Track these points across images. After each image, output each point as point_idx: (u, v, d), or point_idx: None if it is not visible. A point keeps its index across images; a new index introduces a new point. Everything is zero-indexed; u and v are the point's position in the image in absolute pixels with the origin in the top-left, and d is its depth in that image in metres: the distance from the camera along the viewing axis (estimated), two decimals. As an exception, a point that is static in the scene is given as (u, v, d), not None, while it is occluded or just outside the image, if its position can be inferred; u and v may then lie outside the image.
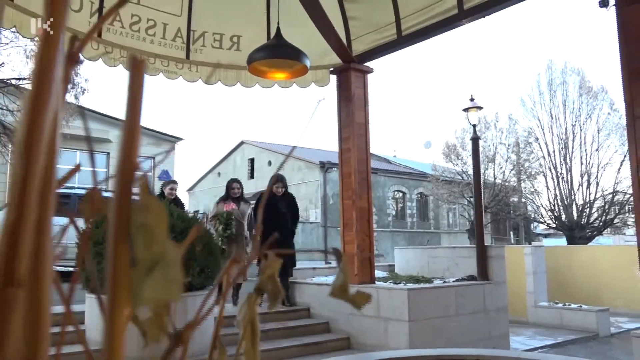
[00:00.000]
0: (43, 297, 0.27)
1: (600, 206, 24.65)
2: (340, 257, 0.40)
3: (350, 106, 6.67)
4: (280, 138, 76.37)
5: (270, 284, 0.38)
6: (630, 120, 4.30)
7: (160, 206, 0.27)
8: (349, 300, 0.40)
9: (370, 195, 6.67)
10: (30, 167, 0.27)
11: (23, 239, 0.26)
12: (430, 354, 3.53)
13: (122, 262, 0.26)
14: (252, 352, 0.42)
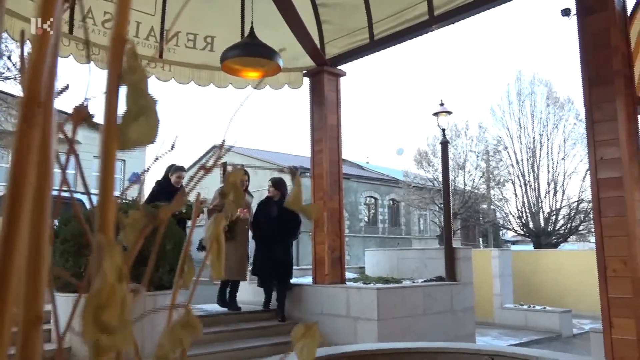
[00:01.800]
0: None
1: (566, 214, 25.29)
2: (295, 175, 0.46)
3: (323, 109, 6.76)
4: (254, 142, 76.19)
5: (233, 191, 0.43)
6: (589, 124, 4.49)
7: (142, 68, 0.33)
8: (302, 210, 0.46)
9: (341, 197, 6.75)
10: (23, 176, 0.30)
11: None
12: (396, 347, 3.61)
13: (112, 109, 0.31)
14: (217, 264, 0.48)
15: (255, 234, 6.86)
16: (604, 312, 4.20)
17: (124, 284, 0.28)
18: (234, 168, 0.43)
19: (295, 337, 0.45)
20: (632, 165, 4.26)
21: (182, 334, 0.36)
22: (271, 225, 6.64)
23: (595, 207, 4.40)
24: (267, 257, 6.60)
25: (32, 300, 0.28)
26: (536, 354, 3.22)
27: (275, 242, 6.65)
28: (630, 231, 4.13)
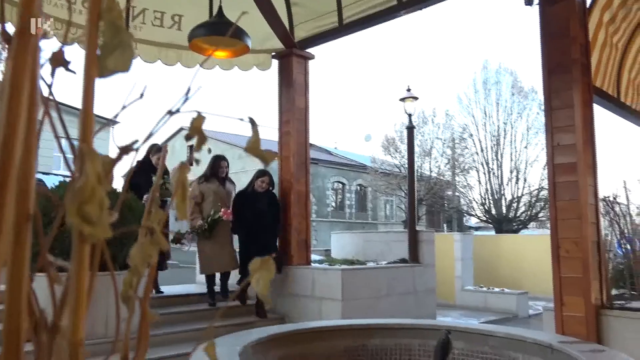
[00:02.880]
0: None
1: (527, 201, 26.01)
2: (254, 122, 0.51)
3: (291, 91, 6.77)
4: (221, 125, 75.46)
5: (197, 134, 0.48)
6: (547, 111, 4.65)
7: (118, 7, 0.37)
8: (259, 155, 0.51)
9: (308, 180, 6.81)
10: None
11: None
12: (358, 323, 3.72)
13: (93, 43, 0.36)
14: (182, 206, 0.53)
15: (240, 230, 6.22)
16: (556, 291, 4.41)
17: (102, 186, 0.33)
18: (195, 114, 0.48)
19: (252, 270, 0.50)
20: (586, 151, 4.45)
21: (151, 249, 0.41)
22: (261, 219, 6.13)
23: (551, 191, 4.59)
24: (257, 253, 6.26)
25: (23, 197, 0.32)
26: (489, 328, 3.37)
27: (267, 237, 6.22)
28: (582, 214, 4.33)
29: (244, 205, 6.22)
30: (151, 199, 0.52)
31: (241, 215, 6.18)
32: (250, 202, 6.21)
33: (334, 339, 3.48)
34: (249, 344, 2.86)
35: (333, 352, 3.42)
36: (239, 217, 6.17)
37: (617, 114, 6.20)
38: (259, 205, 6.21)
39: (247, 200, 6.26)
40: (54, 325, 0.33)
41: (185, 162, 0.54)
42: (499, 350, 3.27)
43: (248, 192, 6.35)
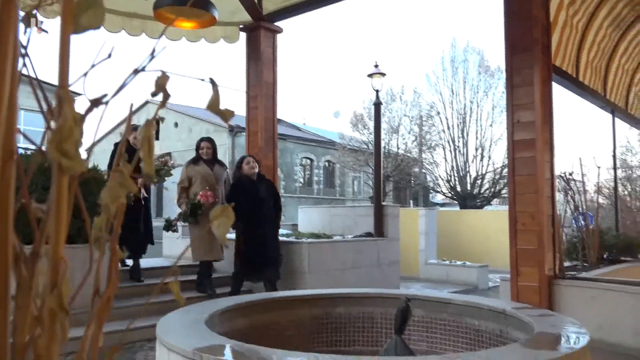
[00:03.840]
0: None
1: (491, 178, 26.61)
2: (214, 83, 0.56)
3: (259, 65, 6.74)
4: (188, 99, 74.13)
5: (162, 92, 0.53)
6: (509, 89, 4.79)
7: None
8: (219, 113, 0.56)
9: (275, 154, 6.84)
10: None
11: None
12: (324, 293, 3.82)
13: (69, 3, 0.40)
14: (149, 160, 0.58)
15: (237, 224, 5.64)
16: (512, 262, 4.61)
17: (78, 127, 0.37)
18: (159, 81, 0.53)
19: (213, 216, 0.56)
20: (544, 128, 4.62)
21: (119, 191, 0.45)
22: (260, 210, 5.63)
23: (510, 166, 4.76)
24: (257, 251, 5.63)
25: (8, 136, 0.36)
26: (448, 297, 3.52)
27: (265, 229, 5.69)
28: (539, 188, 4.51)
29: (241, 195, 5.59)
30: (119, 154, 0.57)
31: (238, 207, 5.68)
32: (247, 191, 5.66)
33: (300, 308, 3.57)
34: (216, 312, 2.92)
35: (299, 320, 3.52)
36: (237, 210, 5.77)
37: (575, 93, 6.41)
38: (259, 194, 5.67)
39: (244, 189, 5.69)
40: (34, 253, 0.38)
41: (151, 120, 0.59)
42: (457, 317, 3.41)
43: (244, 180, 5.79)
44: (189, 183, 5.92)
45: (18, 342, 0.36)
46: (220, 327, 2.84)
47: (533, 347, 2.17)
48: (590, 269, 5.49)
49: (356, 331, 3.62)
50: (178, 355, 2.17)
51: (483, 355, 2.24)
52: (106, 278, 0.49)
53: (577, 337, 2.30)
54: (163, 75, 0.52)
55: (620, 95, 7.74)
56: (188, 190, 5.89)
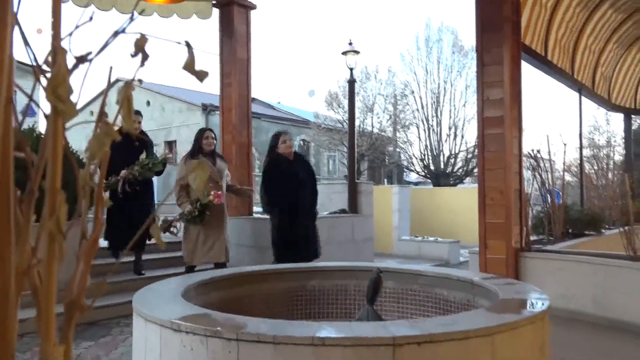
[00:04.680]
0: None
1: (464, 157, 27.01)
2: (189, 45, 0.60)
3: (233, 42, 6.69)
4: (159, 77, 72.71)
5: (141, 53, 0.57)
6: (479, 67, 4.89)
7: None
8: (194, 73, 0.61)
9: (250, 132, 6.84)
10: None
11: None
12: (298, 267, 3.90)
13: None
14: (128, 118, 0.62)
15: (275, 211, 5.02)
16: (481, 236, 4.76)
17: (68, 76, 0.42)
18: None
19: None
20: (512, 106, 4.74)
21: (104, 140, 0.50)
22: (296, 193, 4.89)
23: (480, 142, 4.88)
24: (296, 243, 4.93)
25: (7, 85, 0.40)
26: (418, 268, 3.64)
27: (305, 218, 5.02)
28: (507, 164, 4.65)
29: (277, 178, 4.86)
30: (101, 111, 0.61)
31: (278, 191, 4.83)
32: (284, 173, 4.85)
33: (275, 281, 3.64)
34: (192, 285, 2.96)
35: (274, 293, 3.59)
36: (274, 194, 4.87)
37: (544, 71, 6.56)
38: (298, 177, 4.93)
39: (284, 171, 4.87)
40: (30, 191, 0.42)
41: (130, 81, 0.63)
42: (427, 288, 3.53)
43: (280, 160, 4.96)
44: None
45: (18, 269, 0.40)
46: (196, 300, 2.89)
47: (496, 311, 2.29)
48: (555, 242, 5.70)
49: (330, 303, 3.71)
50: (155, 325, 2.22)
51: (449, 319, 2.35)
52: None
53: (537, 302, 2.43)
54: (142, 37, 0.57)
55: (587, 75, 7.94)
56: (188, 188, 5.26)
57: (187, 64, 0.60)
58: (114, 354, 3.96)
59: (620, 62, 8.94)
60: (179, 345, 2.07)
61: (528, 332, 2.19)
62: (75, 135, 5.59)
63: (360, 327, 2.16)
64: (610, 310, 4.16)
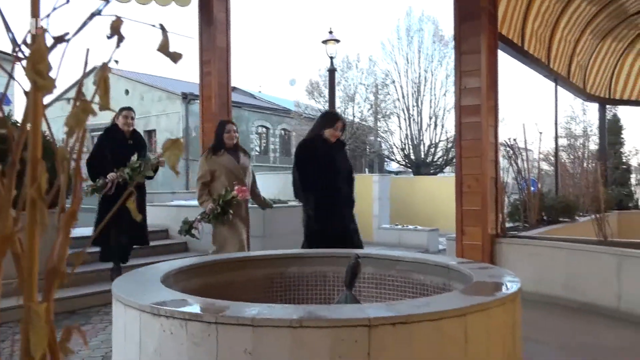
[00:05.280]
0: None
1: (444, 146, 27.28)
2: (164, 28, 0.63)
3: (212, 29, 6.64)
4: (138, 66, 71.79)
5: (116, 34, 0.60)
6: (457, 56, 4.95)
7: None
8: (168, 54, 0.63)
9: (230, 119, 6.82)
10: None
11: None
12: (276, 254, 3.94)
13: None
14: (105, 98, 0.64)
15: (310, 200, 4.42)
16: (458, 223, 4.86)
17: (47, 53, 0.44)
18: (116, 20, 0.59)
19: (164, 147, 0.64)
20: (489, 95, 4.82)
21: (82, 116, 0.52)
22: (334, 181, 4.33)
23: (457, 131, 4.96)
24: (334, 239, 4.27)
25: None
26: (397, 254, 3.70)
27: (344, 210, 4.48)
28: (483, 152, 4.74)
29: (316, 161, 4.29)
30: (78, 90, 0.63)
31: (313, 177, 4.28)
32: (321, 156, 4.30)
33: (254, 268, 3.67)
34: (171, 272, 2.98)
35: (253, 279, 3.62)
36: (311, 180, 4.31)
37: (521, 61, 6.66)
38: (335, 163, 4.35)
39: (321, 155, 4.30)
40: (12, 162, 0.45)
41: (107, 62, 0.65)
42: (405, 273, 3.59)
43: (319, 142, 4.37)
44: (211, 177, 4.88)
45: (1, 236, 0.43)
46: (176, 286, 2.90)
47: (469, 293, 2.36)
48: (530, 229, 5.84)
49: (309, 289, 3.76)
50: (134, 310, 2.24)
51: (424, 301, 2.41)
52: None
53: (509, 285, 2.51)
54: (117, 19, 0.59)
55: (563, 65, 8.08)
56: (210, 186, 4.89)
57: (162, 46, 0.63)
58: (93, 341, 3.96)
59: (595, 53, 9.11)
60: (159, 329, 2.10)
61: (499, 312, 2.26)
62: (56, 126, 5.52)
63: (338, 310, 2.21)
64: (581, 293, 4.29)
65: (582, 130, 21.53)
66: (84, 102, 0.51)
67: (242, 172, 4.94)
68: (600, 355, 3.33)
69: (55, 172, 0.58)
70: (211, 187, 4.88)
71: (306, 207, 4.53)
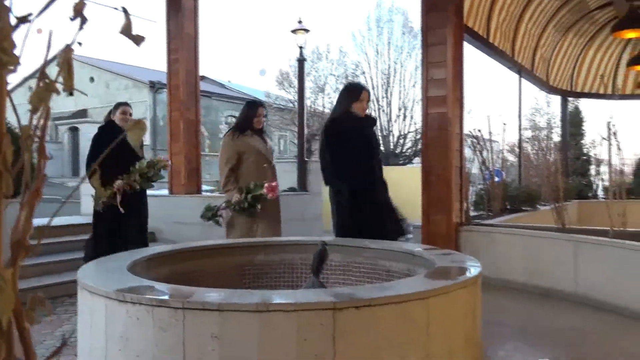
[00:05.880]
0: None
1: (413, 137, 27.57)
2: (126, 11, 0.65)
3: (180, 16, 6.56)
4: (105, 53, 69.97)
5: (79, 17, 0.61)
6: (424, 47, 5.03)
7: None
8: (131, 37, 0.66)
9: (198, 109, 6.77)
10: None
11: None
12: (247, 242, 3.96)
13: None
14: (69, 80, 0.66)
15: (347, 183, 3.94)
16: (424, 211, 4.96)
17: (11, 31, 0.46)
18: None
19: (128, 127, 0.66)
20: (455, 86, 4.92)
21: (45, 94, 0.54)
22: (370, 162, 3.94)
23: (424, 121, 5.05)
24: (373, 229, 3.88)
25: None
26: (363, 242, 3.77)
27: (381, 192, 4.12)
28: (448, 142, 4.84)
29: (350, 142, 3.80)
30: (42, 68, 0.65)
31: (349, 160, 3.83)
32: (360, 139, 3.83)
33: (222, 256, 3.69)
34: (138, 260, 2.98)
35: (221, 268, 3.64)
36: (346, 164, 3.86)
37: (486, 53, 6.80)
38: (371, 142, 3.96)
39: (355, 135, 3.81)
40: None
41: (70, 44, 0.67)
42: (371, 260, 3.66)
43: (350, 121, 3.88)
44: (238, 161, 4.42)
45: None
46: (143, 274, 2.90)
47: (432, 277, 2.44)
48: (494, 217, 6.01)
49: (277, 277, 3.80)
50: (100, 297, 2.24)
51: (388, 285, 2.48)
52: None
53: (470, 269, 2.60)
54: (80, 1, 0.61)
55: (527, 58, 8.28)
56: (237, 172, 4.42)
57: (124, 28, 0.65)
58: (58, 331, 3.92)
59: (558, 47, 9.36)
60: (125, 315, 2.10)
61: (460, 296, 2.35)
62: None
63: (304, 294, 2.26)
64: (540, 278, 4.45)
65: (546, 122, 22.08)
66: (48, 83, 0.53)
67: (271, 154, 4.59)
68: (555, 335, 3.48)
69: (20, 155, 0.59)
70: (239, 171, 4.42)
71: (337, 196, 4.05)
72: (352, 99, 3.90)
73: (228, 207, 4.39)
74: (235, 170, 4.39)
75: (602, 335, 3.52)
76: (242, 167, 4.38)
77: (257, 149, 4.41)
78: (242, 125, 4.48)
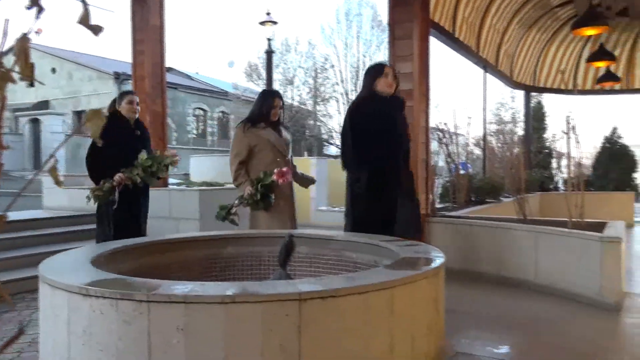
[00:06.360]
0: None
1: (381, 130, 27.75)
2: (84, 1, 0.65)
3: (145, 7, 6.44)
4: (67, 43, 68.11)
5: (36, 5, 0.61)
6: (391, 41, 5.08)
7: None
8: (89, 27, 0.65)
9: (164, 100, 6.67)
10: None
11: None
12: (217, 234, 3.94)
13: None
14: (27, 68, 0.66)
15: (366, 170, 3.65)
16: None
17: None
18: None
19: (87, 118, 0.66)
20: (421, 80, 4.98)
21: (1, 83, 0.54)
22: (395, 151, 3.63)
23: (391, 114, 5.09)
24: (393, 227, 3.65)
25: None
26: (330, 234, 3.80)
27: (409, 182, 3.84)
28: (415, 136, 4.90)
29: (374, 125, 3.50)
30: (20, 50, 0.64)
31: (371, 145, 3.53)
32: (388, 122, 3.53)
33: (190, 249, 3.67)
34: (102, 254, 2.93)
35: (188, 261, 3.62)
36: (365, 150, 3.58)
37: (452, 48, 6.91)
38: (397, 128, 3.60)
39: (381, 116, 3.51)
40: None
41: (26, 32, 0.66)
42: (337, 252, 3.70)
43: (376, 102, 3.59)
44: (248, 153, 4.19)
45: None
46: (107, 268, 2.87)
47: (395, 268, 2.48)
48: (459, 209, 6.13)
49: (245, 269, 3.80)
50: (63, 291, 2.20)
51: (352, 276, 2.52)
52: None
53: (434, 260, 2.66)
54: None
55: (491, 53, 8.44)
56: (248, 164, 4.23)
57: (82, 18, 0.65)
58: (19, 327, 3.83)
59: (522, 42, 9.57)
60: (88, 309, 2.07)
61: (423, 285, 2.40)
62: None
63: (269, 285, 2.27)
64: (503, 268, 4.58)
65: (510, 117, 22.55)
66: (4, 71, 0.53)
67: (285, 147, 4.30)
68: (516, 323, 3.60)
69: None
70: (249, 165, 4.20)
71: (354, 186, 3.76)
72: (376, 76, 3.61)
73: (242, 204, 4.17)
74: (247, 164, 4.19)
75: (561, 322, 3.65)
76: (253, 160, 4.18)
77: (270, 142, 4.16)
78: (256, 116, 4.21)
